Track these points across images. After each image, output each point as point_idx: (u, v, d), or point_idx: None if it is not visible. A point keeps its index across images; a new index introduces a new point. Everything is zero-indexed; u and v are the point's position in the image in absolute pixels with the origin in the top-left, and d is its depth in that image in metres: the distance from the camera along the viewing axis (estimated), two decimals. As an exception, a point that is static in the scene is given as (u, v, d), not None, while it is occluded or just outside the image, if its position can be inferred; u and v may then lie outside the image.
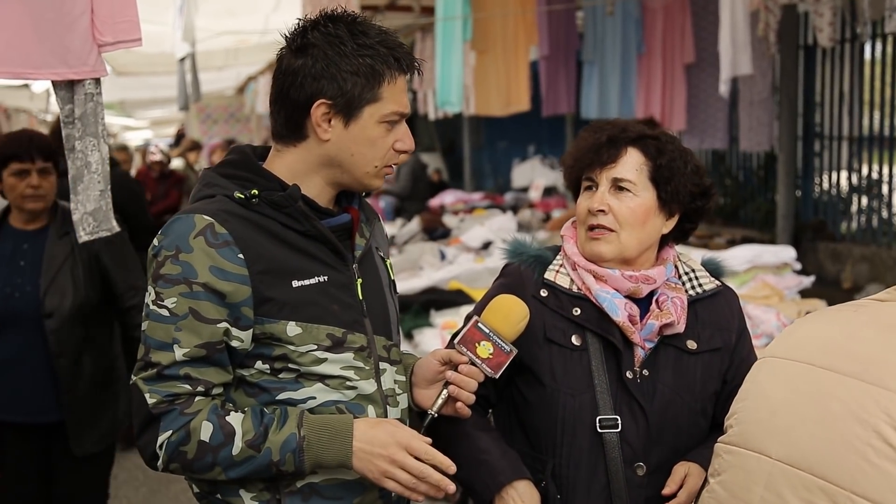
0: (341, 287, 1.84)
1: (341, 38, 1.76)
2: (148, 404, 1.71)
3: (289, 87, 1.79)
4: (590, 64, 7.20)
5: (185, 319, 1.71)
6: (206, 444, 1.71)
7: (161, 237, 1.76)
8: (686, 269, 2.14)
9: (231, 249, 1.73)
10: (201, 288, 1.71)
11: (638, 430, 1.99)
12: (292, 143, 1.84)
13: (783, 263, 4.63)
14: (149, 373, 1.72)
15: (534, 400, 2.05)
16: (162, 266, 1.73)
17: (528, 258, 2.13)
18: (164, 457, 1.72)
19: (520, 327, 1.91)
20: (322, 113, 1.78)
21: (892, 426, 1.41)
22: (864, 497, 1.41)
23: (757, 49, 5.65)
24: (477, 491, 1.99)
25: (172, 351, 1.71)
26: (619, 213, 2.02)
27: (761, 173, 8.31)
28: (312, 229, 1.81)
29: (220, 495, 1.82)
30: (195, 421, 1.71)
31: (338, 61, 1.76)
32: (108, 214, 2.53)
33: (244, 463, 1.72)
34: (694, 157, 2.10)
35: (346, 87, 1.76)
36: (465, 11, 7.26)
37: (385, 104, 1.80)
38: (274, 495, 1.79)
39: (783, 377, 1.60)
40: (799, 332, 1.67)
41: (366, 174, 1.85)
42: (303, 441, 1.73)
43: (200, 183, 1.87)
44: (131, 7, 2.47)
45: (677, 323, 2.02)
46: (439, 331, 4.29)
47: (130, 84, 12.98)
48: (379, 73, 1.77)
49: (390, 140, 1.83)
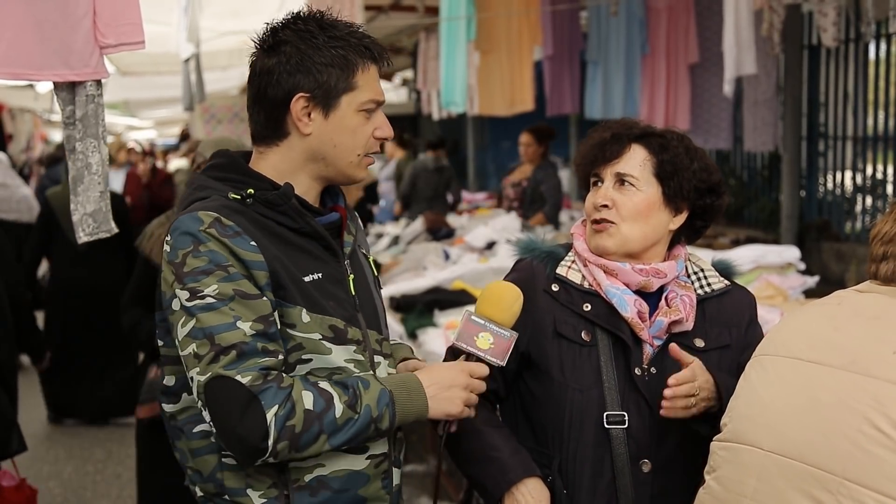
0: (335, 283, 1.87)
1: (312, 32, 1.81)
2: (244, 385, 1.66)
3: (266, 87, 1.82)
4: (594, 64, 7.19)
5: (234, 301, 1.70)
6: (311, 412, 1.69)
7: (170, 240, 1.76)
8: (695, 268, 2.16)
9: (243, 238, 1.75)
10: (236, 269, 1.72)
11: (644, 426, 2.01)
12: (274, 143, 1.87)
13: (787, 263, 4.61)
14: (228, 357, 1.68)
15: (541, 394, 2.07)
16: (184, 264, 1.73)
17: (541, 254, 2.15)
18: (274, 434, 1.66)
19: (514, 310, 1.92)
20: (301, 107, 1.81)
21: (882, 413, 1.45)
22: (856, 482, 1.44)
23: (761, 49, 5.63)
24: (487, 488, 2.01)
25: (239, 328, 1.69)
26: (623, 207, 2.04)
27: (765, 173, 8.29)
28: (307, 226, 1.84)
29: (228, 496, 1.82)
30: (295, 392, 1.70)
31: (311, 54, 1.80)
32: (107, 216, 2.53)
33: (345, 426, 1.72)
34: (705, 156, 2.13)
35: (321, 78, 1.80)
36: (469, 11, 7.26)
37: (361, 92, 1.83)
38: (282, 492, 1.80)
39: (773, 373, 1.64)
40: (785, 329, 1.71)
41: (349, 164, 1.87)
42: (392, 395, 1.77)
43: (191, 187, 1.88)
44: (134, 10, 2.47)
45: (685, 320, 2.03)
46: (443, 331, 4.28)
47: (135, 84, 13.00)
48: (352, 62, 1.82)
49: (369, 128, 1.87)
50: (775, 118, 6.80)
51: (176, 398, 1.88)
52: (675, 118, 6.82)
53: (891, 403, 1.44)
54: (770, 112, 6.77)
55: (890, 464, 1.42)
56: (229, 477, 1.82)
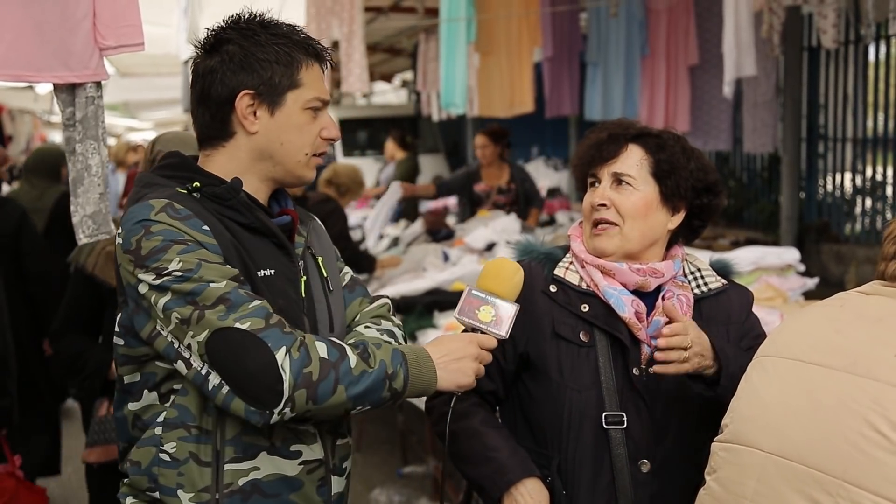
0: (287, 282, 1.85)
1: (254, 30, 1.81)
2: (244, 329, 1.63)
3: (209, 87, 1.81)
4: (593, 65, 7.19)
5: (202, 268, 1.68)
6: (326, 360, 1.67)
7: (121, 232, 1.75)
8: (692, 268, 2.17)
9: (195, 221, 1.73)
10: (193, 241, 1.70)
11: (643, 427, 2.01)
12: (220, 144, 1.85)
13: (787, 265, 4.61)
14: (217, 309, 1.65)
15: (540, 395, 2.07)
16: (140, 248, 1.70)
17: (539, 255, 2.16)
18: (289, 379, 1.62)
19: (514, 282, 1.93)
20: (246, 104, 1.80)
21: (883, 416, 1.45)
22: (856, 485, 1.44)
23: (761, 51, 5.64)
24: (485, 488, 2.01)
25: (216, 283, 1.67)
26: (621, 206, 2.05)
27: (765, 175, 8.30)
28: (256, 221, 1.82)
29: (159, 493, 1.78)
30: (308, 340, 1.68)
31: (254, 51, 1.79)
32: (106, 217, 2.53)
33: (361, 378, 1.69)
34: (702, 156, 2.14)
35: (265, 75, 1.79)
36: (469, 13, 7.26)
37: (306, 90, 1.83)
38: (213, 496, 1.76)
39: (774, 374, 1.64)
40: (787, 331, 1.71)
41: (297, 163, 1.86)
42: (404, 355, 1.76)
43: (138, 185, 1.85)
44: (134, 11, 2.47)
45: None
46: (443, 332, 4.28)
47: (135, 85, 13.00)
48: (295, 59, 1.82)
49: (316, 128, 1.86)
50: (775, 120, 6.80)
51: (138, 396, 1.83)
52: (674, 120, 6.83)
53: (891, 406, 1.44)
54: (770, 114, 6.77)
55: (890, 466, 1.42)
56: (163, 474, 1.77)
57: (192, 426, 1.76)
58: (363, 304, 2.03)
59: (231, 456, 1.77)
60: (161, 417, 1.78)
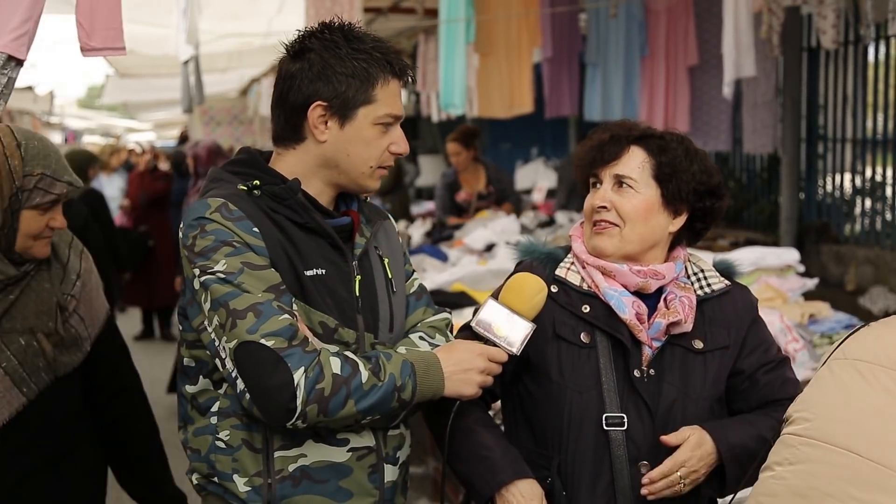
0: (338, 282, 1.90)
1: (337, 42, 1.85)
2: (269, 347, 1.71)
3: (287, 91, 1.87)
4: (593, 66, 7.19)
5: (243, 273, 1.76)
6: (338, 376, 1.74)
7: (182, 226, 1.84)
8: (695, 269, 2.16)
9: (246, 223, 1.81)
10: (241, 244, 1.78)
11: (643, 428, 2.01)
12: (291, 146, 1.92)
13: (786, 266, 4.61)
14: (246, 320, 1.73)
15: (540, 396, 2.07)
16: (194, 245, 1.80)
17: (541, 255, 2.16)
18: (302, 395, 1.71)
19: (535, 302, 1.94)
20: (318, 115, 1.85)
21: None
22: None
23: (760, 51, 5.63)
24: (476, 487, 2.00)
25: (250, 293, 1.75)
26: (622, 208, 2.05)
27: (765, 175, 8.30)
28: (311, 221, 1.88)
29: (217, 479, 1.88)
30: (322, 356, 1.75)
31: (333, 64, 1.83)
32: None
33: (371, 392, 1.76)
34: (705, 157, 2.13)
35: (340, 88, 1.84)
36: (469, 14, 7.25)
37: (379, 106, 1.87)
38: (266, 480, 1.84)
39: (874, 382, 1.57)
40: (886, 339, 1.65)
41: (361, 174, 1.91)
42: (413, 366, 1.81)
43: (208, 179, 1.95)
44: (117, 16, 2.44)
45: (684, 322, 2.03)
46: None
47: (134, 86, 12.99)
48: (372, 76, 1.85)
49: (385, 142, 1.91)
50: (775, 120, 6.80)
51: (195, 380, 1.94)
52: (674, 120, 6.82)
53: None
54: (769, 114, 6.77)
55: None
56: (219, 460, 1.88)
57: (242, 415, 1.85)
58: (426, 313, 2.09)
59: (280, 443, 1.85)
60: (216, 406, 1.88)
